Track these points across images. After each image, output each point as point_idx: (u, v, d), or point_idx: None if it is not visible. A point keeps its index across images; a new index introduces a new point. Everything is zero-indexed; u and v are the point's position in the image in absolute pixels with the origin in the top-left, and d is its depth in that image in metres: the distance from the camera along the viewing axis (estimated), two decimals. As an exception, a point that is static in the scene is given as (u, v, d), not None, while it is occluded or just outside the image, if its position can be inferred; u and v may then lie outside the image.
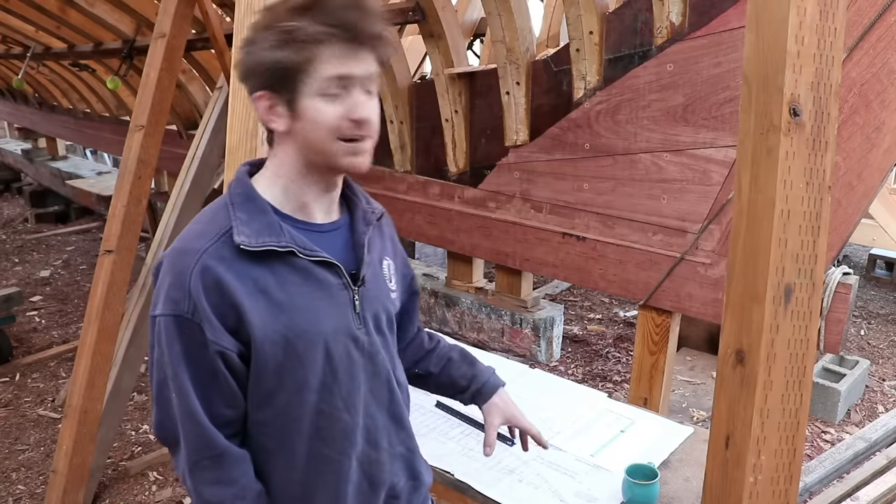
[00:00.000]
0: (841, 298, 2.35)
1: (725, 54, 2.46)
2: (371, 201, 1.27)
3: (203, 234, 1.09)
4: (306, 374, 1.11)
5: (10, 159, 9.85)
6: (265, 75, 1.06)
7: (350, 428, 1.16)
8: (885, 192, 4.87)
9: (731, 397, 1.27)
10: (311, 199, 1.15)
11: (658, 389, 2.85)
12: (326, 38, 1.01)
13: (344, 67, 1.03)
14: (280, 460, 1.15)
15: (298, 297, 1.09)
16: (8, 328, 4.37)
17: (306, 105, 1.05)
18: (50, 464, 2.96)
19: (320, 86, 1.03)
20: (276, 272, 1.08)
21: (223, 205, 1.12)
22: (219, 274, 1.05)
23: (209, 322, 1.05)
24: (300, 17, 1.02)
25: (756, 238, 1.21)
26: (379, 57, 1.08)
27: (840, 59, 1.18)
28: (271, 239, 1.07)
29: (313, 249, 1.10)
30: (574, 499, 1.63)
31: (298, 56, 1.02)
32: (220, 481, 1.09)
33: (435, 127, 3.62)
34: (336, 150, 1.07)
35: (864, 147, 2.30)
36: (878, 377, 3.96)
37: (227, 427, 1.11)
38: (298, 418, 1.13)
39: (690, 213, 2.65)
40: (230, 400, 1.10)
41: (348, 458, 1.17)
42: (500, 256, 3.52)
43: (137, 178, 2.82)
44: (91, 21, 4.36)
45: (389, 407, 1.23)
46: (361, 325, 1.16)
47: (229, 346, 1.06)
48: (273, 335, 1.07)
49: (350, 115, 1.04)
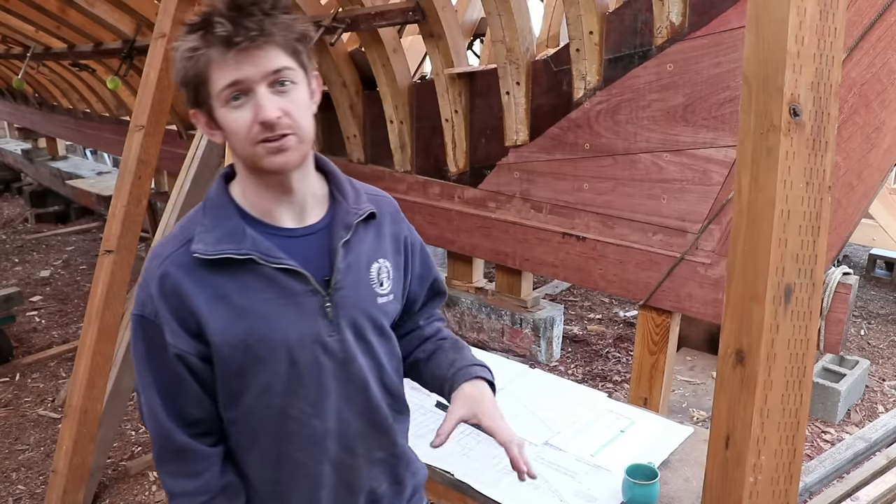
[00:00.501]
0: (841, 298, 2.35)
1: (725, 54, 2.46)
2: (361, 199, 1.22)
3: (172, 239, 1.13)
4: (269, 379, 1.12)
5: (10, 159, 9.85)
6: (186, 93, 1.08)
7: (320, 433, 1.16)
8: (885, 192, 4.87)
9: (731, 397, 1.27)
10: (272, 204, 1.13)
11: (658, 389, 2.85)
12: (207, 49, 1.01)
13: (233, 73, 1.01)
14: (254, 459, 1.18)
15: (260, 304, 1.09)
16: (8, 328, 4.37)
17: (220, 117, 1.06)
18: (50, 464, 2.96)
19: (221, 96, 1.03)
20: (238, 279, 1.09)
21: (197, 209, 1.15)
22: (177, 281, 1.08)
23: (169, 326, 1.08)
24: (192, 33, 1.02)
25: (756, 238, 1.21)
26: (284, 48, 1.04)
27: (840, 59, 1.18)
28: (231, 246, 1.08)
29: (276, 257, 1.09)
30: (574, 499, 1.63)
31: (191, 71, 1.03)
32: (181, 473, 1.14)
33: (435, 127, 3.62)
34: (258, 153, 1.05)
35: (864, 147, 2.30)
36: (878, 377, 3.96)
37: (195, 426, 1.14)
38: (266, 419, 1.14)
39: (690, 213, 2.65)
40: (195, 400, 1.13)
41: (320, 464, 1.18)
42: (500, 256, 3.52)
43: (137, 178, 2.82)
44: (91, 21, 4.37)
45: (367, 414, 1.21)
46: (334, 332, 1.14)
47: (188, 349, 1.09)
48: (232, 340, 1.09)
49: (257, 118, 1.03)
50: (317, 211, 1.18)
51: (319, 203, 1.19)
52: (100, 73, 5.73)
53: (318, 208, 1.18)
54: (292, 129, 1.05)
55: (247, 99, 1.03)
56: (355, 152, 4.16)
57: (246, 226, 1.10)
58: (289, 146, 1.05)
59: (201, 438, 1.15)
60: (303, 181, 1.14)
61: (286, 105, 1.04)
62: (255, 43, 1.01)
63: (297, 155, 1.08)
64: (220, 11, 1.00)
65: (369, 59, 3.69)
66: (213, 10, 1.01)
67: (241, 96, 1.03)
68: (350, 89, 3.96)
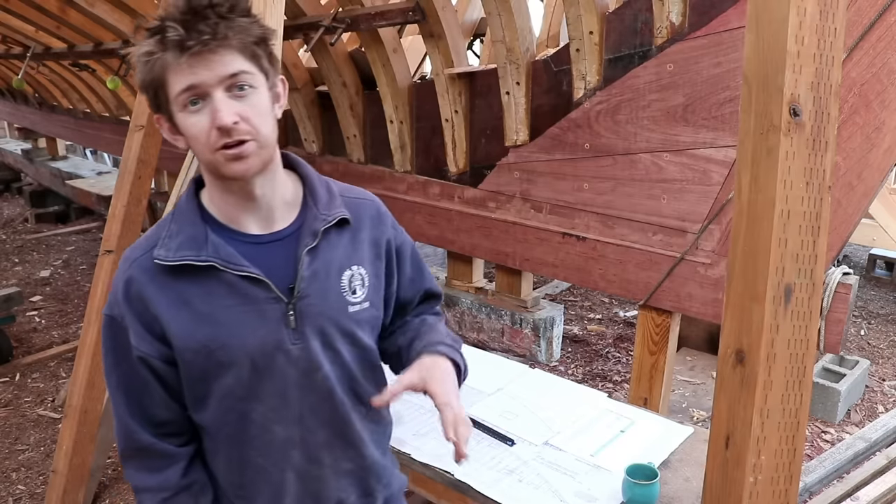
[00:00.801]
0: (841, 298, 2.35)
1: (725, 54, 2.46)
2: (334, 204, 1.18)
3: (141, 243, 1.14)
4: (231, 384, 1.12)
5: (10, 159, 9.85)
6: (147, 98, 1.08)
7: (282, 440, 1.16)
8: (885, 192, 4.87)
9: (731, 397, 1.27)
10: (237, 209, 1.12)
11: (658, 389, 2.85)
12: (162, 53, 1.00)
13: (188, 78, 1.00)
14: (220, 462, 1.19)
15: (221, 311, 1.09)
16: (8, 328, 4.37)
17: (180, 121, 1.05)
18: (50, 464, 2.96)
19: (178, 101, 1.02)
20: (201, 284, 1.09)
21: (169, 214, 1.16)
22: (141, 286, 1.09)
23: (133, 328, 1.10)
24: (149, 38, 1.01)
25: (756, 238, 1.21)
26: (242, 51, 1.02)
27: (840, 59, 1.18)
28: (191, 253, 1.08)
29: (238, 264, 1.08)
30: (574, 499, 1.63)
31: (150, 76, 1.03)
32: (144, 468, 1.16)
33: (435, 127, 3.62)
34: (218, 160, 1.04)
35: (864, 147, 2.30)
36: (878, 377, 3.96)
37: (162, 426, 1.15)
38: (229, 424, 1.15)
39: (690, 213, 2.65)
40: (160, 402, 1.14)
41: (283, 471, 1.18)
42: (500, 256, 3.52)
43: (137, 178, 2.82)
44: (91, 21, 4.36)
45: (333, 424, 1.19)
46: (298, 340, 1.13)
47: (152, 352, 1.10)
48: (194, 345, 1.09)
49: (213, 124, 1.01)
50: (286, 216, 1.16)
51: (290, 208, 1.16)
52: (100, 73, 5.73)
53: (289, 214, 1.16)
54: (251, 134, 1.03)
55: (204, 104, 1.01)
56: (355, 152, 4.16)
57: (210, 232, 1.10)
58: (248, 152, 1.03)
59: (168, 439, 1.16)
60: (267, 187, 1.11)
61: (244, 110, 1.02)
62: (209, 47, 0.99)
63: (256, 161, 1.06)
64: (174, 15, 0.99)
65: (369, 59, 3.69)
66: (167, 14, 1.00)
67: (198, 101, 1.01)
68: (350, 89, 3.96)
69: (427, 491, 1.79)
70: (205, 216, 1.13)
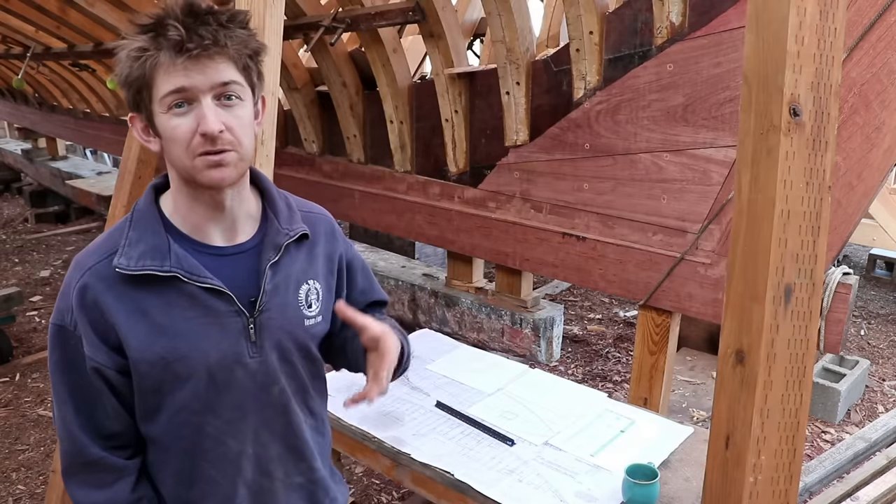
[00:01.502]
0: (841, 298, 2.35)
1: (725, 54, 2.46)
2: (294, 219, 1.18)
3: (96, 250, 1.10)
4: (186, 397, 1.10)
5: (10, 159, 9.85)
6: (126, 96, 1.06)
7: (235, 452, 1.15)
8: (885, 192, 4.87)
9: (731, 397, 1.28)
10: (203, 219, 1.11)
11: (658, 389, 2.85)
12: (156, 52, 0.99)
13: (180, 80, 0.99)
14: (169, 475, 1.16)
15: (181, 322, 1.07)
16: (8, 328, 4.37)
17: (160, 123, 1.03)
18: (50, 464, 2.95)
19: (163, 102, 1.01)
20: (161, 295, 1.07)
21: (125, 220, 1.12)
22: (97, 294, 1.06)
23: (87, 338, 1.06)
24: (142, 34, 1.00)
25: (756, 238, 1.21)
26: (235, 61, 1.03)
27: (840, 59, 1.18)
28: (154, 263, 1.05)
29: (201, 276, 1.07)
30: (574, 499, 1.63)
31: (137, 73, 1.01)
32: (92, 484, 1.12)
33: (435, 127, 3.62)
34: (196, 166, 1.03)
35: (864, 147, 2.30)
36: (878, 377, 3.96)
37: (111, 439, 1.12)
38: (182, 437, 1.13)
39: (690, 213, 2.65)
40: (112, 414, 1.11)
41: (235, 485, 1.16)
42: (500, 256, 3.52)
43: (137, 178, 2.82)
44: (91, 21, 4.36)
45: (286, 438, 1.19)
46: (256, 353, 1.12)
47: (106, 362, 1.07)
48: (151, 357, 1.07)
49: (199, 129, 1.00)
50: (248, 229, 1.16)
51: (251, 221, 1.16)
52: (100, 73, 5.73)
53: (250, 227, 1.16)
54: (233, 145, 1.03)
55: (190, 108, 1.01)
56: (355, 152, 4.16)
57: (172, 242, 1.08)
58: (228, 162, 1.03)
59: (116, 451, 1.13)
60: (236, 199, 1.12)
61: (229, 120, 1.02)
62: (207, 52, 0.99)
63: (234, 172, 1.06)
64: (176, 15, 0.98)
65: (369, 59, 3.69)
66: (167, 13, 0.99)
67: (184, 104, 1.01)
68: (350, 89, 3.96)
69: (427, 491, 1.79)
70: (166, 225, 1.11)
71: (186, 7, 0.99)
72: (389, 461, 1.86)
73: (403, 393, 2.16)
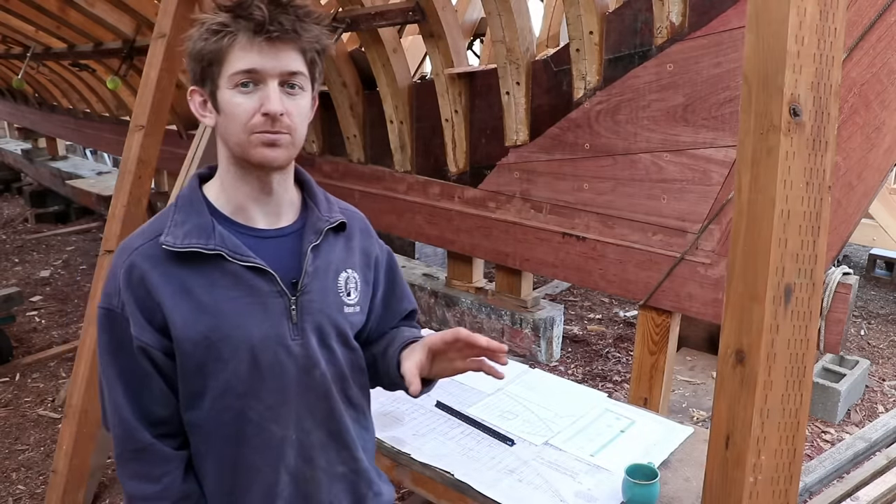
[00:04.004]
0: (841, 298, 2.35)
1: (725, 54, 2.46)
2: (333, 209, 1.23)
3: (143, 233, 1.14)
4: (229, 379, 1.11)
5: (10, 159, 9.85)
6: (193, 69, 1.09)
7: (278, 438, 1.15)
8: (885, 192, 4.87)
9: (731, 397, 1.27)
10: (248, 201, 1.14)
11: (658, 389, 2.85)
12: (236, 31, 1.03)
13: (254, 60, 1.04)
14: (211, 465, 1.16)
15: (225, 301, 1.09)
16: (8, 328, 4.36)
17: (223, 98, 1.07)
18: (50, 464, 2.95)
19: (232, 78, 1.05)
20: (205, 274, 1.09)
21: (169, 207, 1.16)
22: (144, 272, 1.08)
23: (134, 318, 1.08)
24: (222, 12, 1.04)
25: (756, 238, 1.21)
26: (304, 54, 1.08)
27: (840, 59, 1.18)
28: (199, 241, 1.08)
29: (244, 254, 1.09)
30: (574, 499, 1.63)
31: (211, 46, 1.05)
32: (141, 476, 1.13)
33: (435, 127, 3.62)
34: (251, 141, 1.06)
35: (864, 147, 2.30)
36: (878, 377, 3.96)
37: (159, 426, 1.13)
38: (225, 423, 1.13)
39: (690, 213, 2.65)
40: (160, 398, 1.12)
41: (277, 471, 1.16)
42: (500, 256, 3.52)
43: (137, 178, 2.82)
44: (91, 21, 4.37)
45: (328, 424, 1.20)
46: (298, 336, 1.14)
47: (152, 342, 1.09)
48: (194, 336, 1.08)
49: (262, 109, 1.04)
50: (289, 215, 1.19)
51: (293, 208, 1.20)
52: (100, 73, 5.73)
53: (291, 213, 1.20)
54: (289, 129, 1.07)
55: (256, 89, 1.05)
56: (355, 152, 4.16)
57: (216, 223, 1.11)
58: (282, 143, 1.07)
59: (165, 440, 1.13)
60: (282, 184, 1.16)
61: (290, 107, 1.07)
62: (283, 39, 1.04)
63: (286, 154, 1.10)
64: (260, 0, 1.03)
65: (369, 59, 3.69)
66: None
67: (250, 84, 1.05)
68: (350, 89, 3.96)
69: (427, 491, 1.79)
70: (210, 208, 1.14)
71: None
72: (389, 461, 1.85)
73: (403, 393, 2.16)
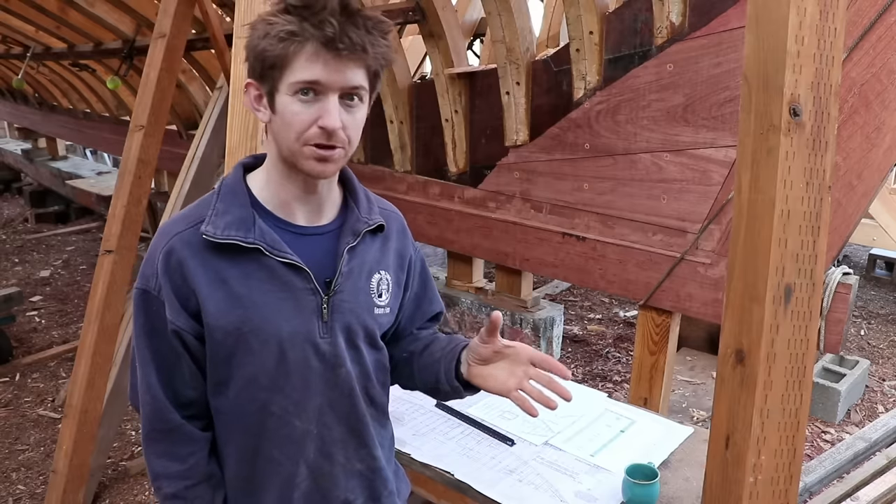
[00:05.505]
0: (841, 298, 2.35)
1: (725, 54, 2.46)
2: (373, 210, 1.24)
3: (184, 218, 1.14)
4: (256, 371, 1.13)
5: (10, 159, 9.85)
6: (253, 63, 1.08)
7: (300, 433, 1.16)
8: (885, 192, 4.87)
9: (731, 397, 1.27)
10: (291, 198, 1.14)
11: (658, 389, 2.85)
12: (304, 39, 1.01)
13: (318, 72, 1.02)
14: (232, 453, 1.19)
15: (259, 294, 1.10)
16: (8, 328, 4.37)
17: (281, 102, 1.06)
18: (50, 464, 2.96)
19: (293, 86, 1.03)
20: (241, 266, 1.10)
21: (211, 194, 1.16)
22: (183, 258, 1.09)
23: (170, 301, 1.10)
24: (291, 14, 1.02)
25: (756, 238, 1.21)
26: (368, 69, 1.06)
27: (840, 59, 1.18)
28: (239, 234, 1.09)
29: (282, 250, 1.10)
30: (574, 499, 1.63)
31: (277, 51, 1.03)
32: (168, 455, 1.15)
33: (435, 127, 3.62)
34: (304, 153, 1.06)
35: (864, 147, 2.30)
36: (878, 377, 3.96)
37: (188, 407, 1.16)
38: (248, 414, 1.15)
39: (690, 213, 2.65)
40: (190, 380, 1.15)
41: (296, 465, 1.18)
42: (500, 256, 3.52)
43: (137, 178, 2.82)
44: (91, 21, 4.36)
45: (349, 421, 1.21)
46: (327, 334, 1.15)
47: (186, 327, 1.10)
48: (226, 325, 1.10)
49: (319, 122, 1.04)
50: (330, 213, 1.20)
51: (333, 207, 1.21)
52: (100, 73, 5.73)
53: (332, 211, 1.20)
54: (343, 143, 1.08)
55: (316, 99, 1.04)
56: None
57: (257, 216, 1.12)
58: (335, 158, 1.08)
59: (193, 421, 1.16)
60: (327, 185, 1.17)
61: (348, 120, 1.07)
62: (351, 55, 1.02)
63: (335, 168, 1.11)
64: (333, 9, 1.00)
65: (369, 59, 3.69)
66: (323, 4, 1.00)
67: (310, 93, 1.04)
68: (350, 89, 3.96)
69: (427, 491, 1.79)
70: (252, 200, 1.14)
71: (340, 5, 1.01)
72: (389, 461, 1.86)
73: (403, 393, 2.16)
